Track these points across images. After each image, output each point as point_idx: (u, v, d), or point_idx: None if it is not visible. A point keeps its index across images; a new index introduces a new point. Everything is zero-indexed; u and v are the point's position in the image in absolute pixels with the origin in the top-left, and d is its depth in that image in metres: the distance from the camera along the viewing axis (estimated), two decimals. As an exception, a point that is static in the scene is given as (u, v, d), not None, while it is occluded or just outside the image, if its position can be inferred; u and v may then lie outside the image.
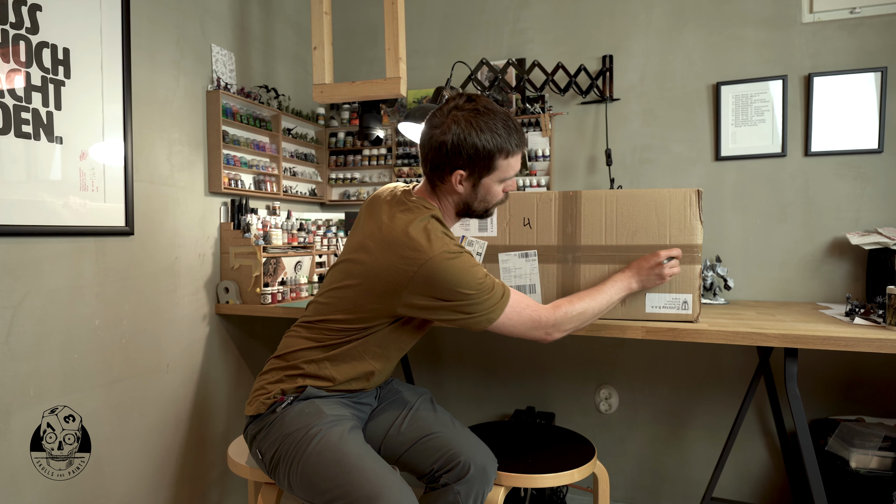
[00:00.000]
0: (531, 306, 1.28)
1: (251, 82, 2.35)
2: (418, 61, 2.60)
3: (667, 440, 2.30)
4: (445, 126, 1.23)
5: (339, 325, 1.29)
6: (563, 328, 1.30)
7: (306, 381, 1.32)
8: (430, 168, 1.28)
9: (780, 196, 2.14)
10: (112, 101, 1.71)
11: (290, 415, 1.27)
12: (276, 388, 1.32)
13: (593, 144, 2.37)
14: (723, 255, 2.18)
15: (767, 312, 1.75)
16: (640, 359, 2.31)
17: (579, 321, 1.33)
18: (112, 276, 1.73)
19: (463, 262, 1.20)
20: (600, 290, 1.39)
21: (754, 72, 2.16)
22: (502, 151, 1.24)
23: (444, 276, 1.18)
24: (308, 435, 1.23)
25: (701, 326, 1.44)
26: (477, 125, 1.22)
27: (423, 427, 1.37)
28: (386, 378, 1.45)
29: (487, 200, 1.31)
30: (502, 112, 1.26)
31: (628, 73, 2.32)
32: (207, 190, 2.10)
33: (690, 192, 1.46)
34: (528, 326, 1.27)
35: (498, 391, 2.52)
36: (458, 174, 1.25)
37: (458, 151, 1.22)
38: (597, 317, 1.38)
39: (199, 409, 2.07)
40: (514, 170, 1.29)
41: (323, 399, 1.31)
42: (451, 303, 1.21)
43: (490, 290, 1.23)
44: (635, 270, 1.43)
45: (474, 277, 1.20)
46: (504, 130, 1.24)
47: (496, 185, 1.29)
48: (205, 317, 2.09)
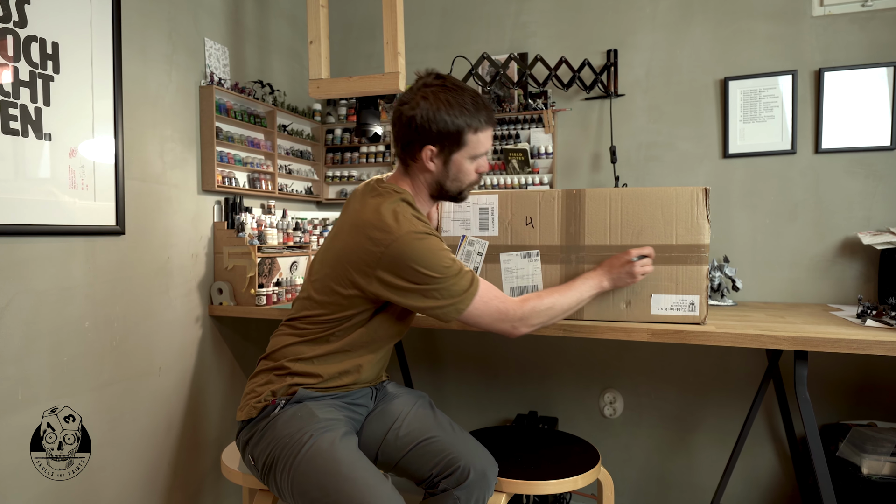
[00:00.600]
0: (499, 297, 1.30)
1: (245, 77, 2.35)
2: (417, 56, 2.60)
3: (673, 446, 2.30)
4: (414, 102, 1.28)
5: (321, 318, 1.32)
6: (529, 322, 1.32)
7: (295, 379, 1.32)
8: (401, 147, 1.32)
9: (789, 194, 2.14)
10: (102, 97, 1.71)
11: (281, 419, 1.27)
12: (266, 391, 1.33)
13: (597, 141, 2.37)
14: (731, 255, 2.18)
15: (777, 314, 1.75)
16: (646, 362, 2.31)
17: (547, 317, 1.35)
18: (102, 276, 1.73)
19: (430, 243, 1.23)
20: (570, 287, 1.41)
21: (763, 66, 2.16)
22: (471, 126, 1.29)
23: (411, 256, 1.21)
24: (300, 441, 1.23)
25: (708, 328, 1.44)
26: (445, 100, 1.27)
27: (420, 431, 1.37)
28: (378, 373, 1.45)
29: (460, 179, 1.34)
30: (471, 90, 1.31)
31: (634, 67, 2.32)
32: (200, 188, 2.10)
33: (697, 191, 1.46)
34: (494, 318, 1.29)
35: (499, 395, 2.52)
36: (428, 150, 1.29)
37: (427, 126, 1.27)
38: (566, 314, 1.40)
39: (192, 413, 2.07)
40: (483, 147, 1.33)
41: (315, 401, 1.31)
42: (418, 286, 1.22)
43: (456, 274, 1.25)
44: (606, 269, 1.46)
45: (440, 260, 1.23)
46: (472, 106, 1.28)
47: (467, 162, 1.33)
48: (198, 318, 2.09)
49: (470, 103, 1.28)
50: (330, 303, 1.30)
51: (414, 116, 1.27)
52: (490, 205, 1.59)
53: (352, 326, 1.32)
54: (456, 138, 1.29)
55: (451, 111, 1.26)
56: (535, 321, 1.33)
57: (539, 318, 1.33)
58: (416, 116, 1.27)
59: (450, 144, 1.29)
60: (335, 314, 1.30)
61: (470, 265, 1.60)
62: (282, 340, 1.37)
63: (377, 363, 1.41)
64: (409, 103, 1.29)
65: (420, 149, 1.30)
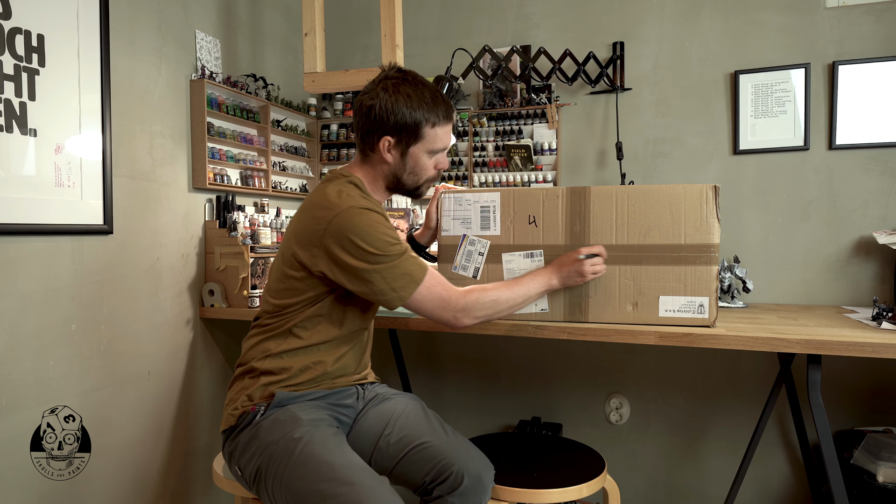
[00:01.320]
0: (443, 284, 1.34)
1: (238, 71, 2.35)
2: (416, 48, 2.60)
3: (681, 453, 2.29)
4: (374, 93, 1.34)
5: (280, 309, 1.35)
6: (472, 314, 1.35)
7: (267, 378, 1.33)
8: (360, 136, 1.38)
9: (802, 192, 2.13)
10: (89, 91, 1.71)
11: (264, 426, 1.28)
12: (241, 397, 1.34)
13: (603, 137, 2.37)
14: (741, 255, 2.18)
15: (789, 316, 1.75)
16: (653, 366, 2.31)
17: (491, 310, 1.37)
18: (89, 277, 1.73)
19: (372, 218, 1.27)
20: (518, 283, 1.44)
21: (775, 59, 2.15)
22: (429, 120, 1.34)
23: (351, 229, 1.24)
24: (287, 446, 1.23)
25: (718, 331, 1.44)
26: (405, 92, 1.33)
27: (412, 436, 1.36)
28: (355, 369, 1.45)
29: (417, 173, 1.40)
30: (432, 85, 1.37)
31: (640, 60, 2.32)
32: (191, 186, 2.10)
33: (707, 188, 1.46)
34: (436, 304, 1.32)
35: (501, 400, 2.52)
36: (385, 141, 1.34)
37: (385, 117, 1.33)
38: (512, 310, 1.42)
39: (183, 419, 2.07)
40: (442, 142, 1.39)
41: (296, 403, 1.32)
42: (360, 264, 1.25)
43: (400, 255, 1.28)
44: (556, 267, 1.48)
45: (382, 236, 1.26)
46: (431, 100, 1.35)
47: (425, 156, 1.38)
48: (188, 321, 2.09)
49: (429, 97, 1.34)
50: (285, 289, 1.34)
51: (373, 106, 1.33)
52: (492, 203, 1.59)
53: (313, 318, 1.34)
54: (413, 131, 1.34)
55: (409, 103, 1.32)
56: (477, 313, 1.35)
57: (482, 310, 1.36)
58: (375, 106, 1.33)
59: (407, 137, 1.35)
60: (291, 300, 1.33)
61: (471, 265, 1.59)
62: (250, 342, 1.41)
63: (349, 358, 1.41)
64: (370, 94, 1.35)
65: (378, 139, 1.35)
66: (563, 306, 1.56)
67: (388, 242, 1.27)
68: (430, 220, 1.66)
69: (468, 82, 2.51)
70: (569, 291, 1.55)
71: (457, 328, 1.36)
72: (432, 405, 2.61)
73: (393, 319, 1.69)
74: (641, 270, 1.51)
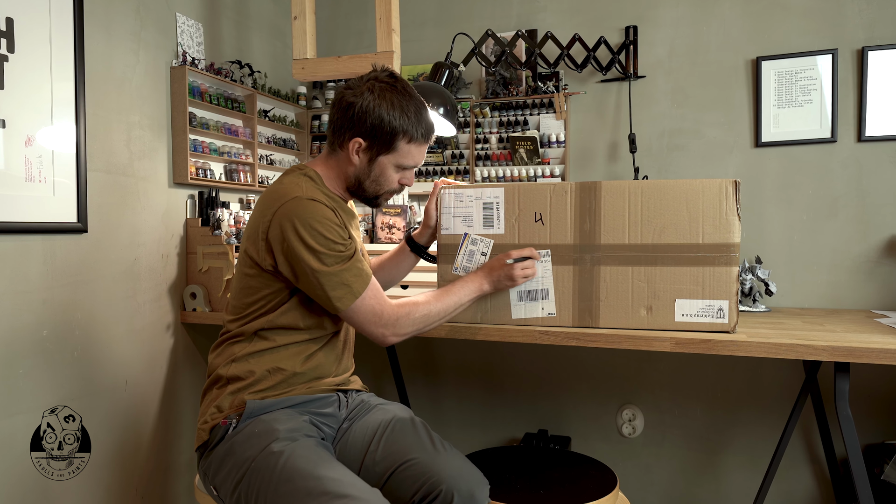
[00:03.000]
0: (378, 297, 1.36)
1: (222, 57, 2.35)
2: (414, 33, 2.60)
3: (699, 468, 2.29)
4: (359, 90, 1.37)
5: (244, 311, 1.38)
6: (400, 331, 1.37)
7: (234, 386, 1.34)
8: (332, 129, 1.41)
9: (829, 187, 2.13)
10: (62, 79, 1.71)
11: (238, 441, 1.28)
12: (211, 408, 1.34)
13: (615, 128, 2.37)
14: (763, 255, 2.18)
15: (815, 321, 1.75)
16: (669, 375, 2.31)
17: (423, 324, 1.41)
18: (62, 279, 1.73)
19: (318, 209, 1.29)
20: (449, 292, 1.46)
21: (800, 45, 2.16)
22: (406, 133, 1.37)
23: (297, 214, 1.28)
24: (268, 461, 1.22)
25: (739, 337, 1.44)
26: (390, 99, 1.36)
27: (398, 453, 1.36)
28: (334, 369, 1.45)
29: (380, 183, 1.43)
30: (420, 100, 1.41)
31: (655, 46, 2.32)
32: (172, 181, 2.10)
33: (726, 184, 1.46)
34: (368, 319, 1.34)
35: (505, 412, 2.52)
36: (356, 142, 1.37)
37: (363, 118, 1.35)
38: (444, 320, 1.45)
39: (163, 432, 2.07)
40: (413, 160, 1.42)
41: (271, 413, 1.31)
42: (303, 255, 1.27)
43: (342, 261, 1.30)
44: (487, 271, 1.52)
45: (325, 231, 1.28)
46: (415, 115, 1.38)
47: (392, 169, 1.42)
48: (169, 326, 2.09)
49: (413, 112, 1.37)
50: (243, 289, 1.38)
51: (353, 104, 1.35)
52: (495, 199, 1.59)
53: (277, 318, 1.36)
54: (388, 140, 1.37)
55: (391, 112, 1.35)
56: (407, 329, 1.38)
57: (413, 326, 1.39)
58: (356, 105, 1.35)
59: (380, 144, 1.37)
60: (250, 299, 1.36)
61: (473, 267, 1.60)
62: (216, 351, 1.43)
63: (321, 359, 1.41)
64: (354, 90, 1.37)
65: (349, 138, 1.38)
66: (572, 310, 1.56)
67: (331, 240, 1.29)
68: (429, 217, 1.66)
69: (470, 69, 2.51)
70: (578, 294, 1.55)
71: (384, 345, 1.39)
72: (431, 417, 2.62)
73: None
74: (656, 272, 1.51)
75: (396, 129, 1.36)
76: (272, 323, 1.36)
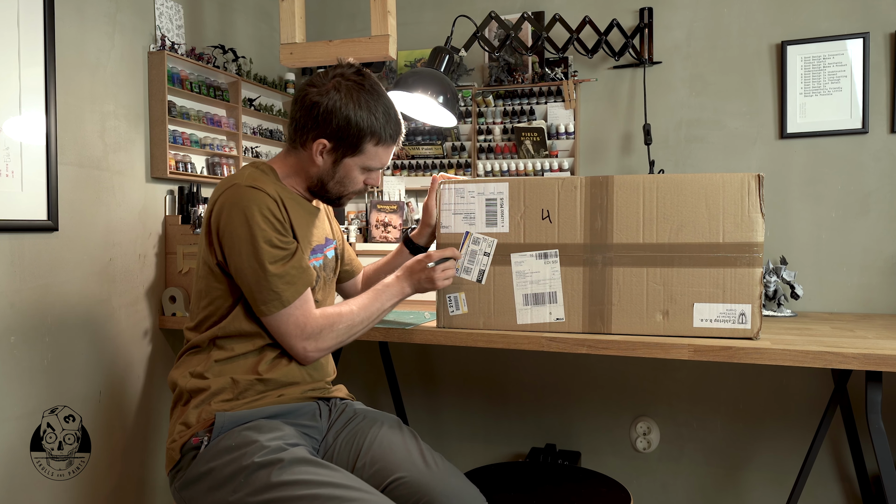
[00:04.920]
0: (304, 308, 1.36)
1: (204, 41, 2.35)
2: (411, 15, 2.60)
3: (720, 486, 2.29)
4: (324, 88, 1.38)
5: (200, 320, 1.40)
6: (322, 344, 1.38)
7: (198, 399, 1.33)
8: (294, 128, 1.43)
9: (860, 182, 2.13)
10: (31, 65, 1.71)
11: (214, 460, 1.26)
12: (177, 426, 1.34)
13: (628, 118, 2.37)
14: (789, 255, 2.18)
15: (845, 327, 1.75)
16: (687, 385, 2.31)
17: (346, 335, 1.42)
18: (31, 281, 1.73)
19: (259, 197, 1.30)
20: (372, 298, 1.47)
21: (828, 28, 2.15)
22: (374, 135, 1.40)
23: (233, 206, 1.30)
24: (256, 481, 1.20)
25: (762, 344, 1.44)
26: (357, 99, 1.38)
27: (386, 469, 1.35)
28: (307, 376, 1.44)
29: (345, 184, 1.46)
30: (387, 99, 1.44)
31: (672, 29, 2.32)
32: (149, 175, 2.10)
33: (749, 178, 1.46)
34: (291, 330, 1.35)
35: (510, 425, 2.52)
36: (321, 143, 1.39)
37: (328, 119, 1.37)
38: (367, 329, 1.47)
39: (139, 447, 2.07)
40: (381, 161, 1.46)
41: (246, 426, 1.30)
42: (232, 247, 1.30)
43: (280, 261, 1.30)
44: (407, 273, 1.53)
45: (261, 222, 1.29)
46: (384, 116, 1.41)
47: (358, 171, 1.45)
48: (146, 332, 2.09)
49: (382, 112, 1.40)
50: (196, 292, 1.42)
51: (318, 103, 1.37)
52: (499, 195, 1.59)
53: (233, 323, 1.36)
54: (354, 142, 1.39)
55: (358, 112, 1.37)
56: (328, 343, 1.39)
57: (336, 338, 1.40)
58: (321, 104, 1.37)
59: (345, 146, 1.40)
60: (203, 302, 1.39)
61: (475, 268, 1.60)
62: (176, 366, 1.44)
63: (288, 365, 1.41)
64: (319, 88, 1.38)
65: (313, 139, 1.39)
66: (582, 315, 1.56)
67: (266, 232, 1.29)
68: (428, 215, 1.65)
69: (471, 55, 2.51)
70: (589, 297, 1.55)
71: (305, 361, 1.40)
72: (430, 430, 2.62)
73: (386, 331, 1.69)
74: (673, 273, 1.51)
75: (364, 131, 1.38)
76: (225, 330, 1.37)
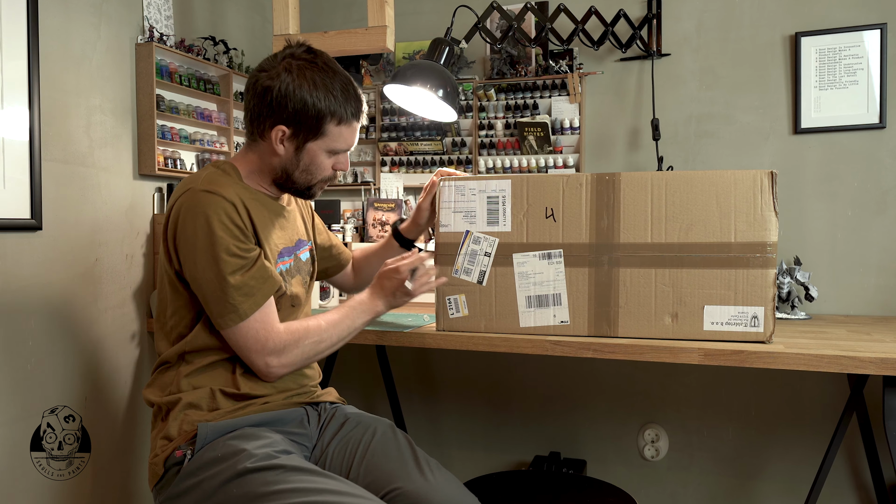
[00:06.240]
0: (265, 323, 1.34)
1: (194, 33, 2.35)
2: (410, 5, 2.60)
3: (731, 495, 2.29)
4: (275, 72, 1.35)
5: (168, 333, 1.40)
6: (286, 360, 1.36)
7: (177, 411, 1.33)
8: (249, 118, 1.41)
9: (877, 179, 2.13)
10: (13, 58, 1.71)
11: (200, 473, 1.25)
12: (159, 441, 1.33)
13: (636, 113, 2.37)
14: (803, 256, 2.18)
15: (861, 330, 1.75)
16: (697, 390, 2.31)
17: (312, 352, 1.39)
18: (13, 283, 1.73)
19: (214, 201, 1.29)
20: (341, 315, 1.45)
21: (844, 19, 2.15)
22: (335, 115, 1.37)
23: (187, 212, 1.30)
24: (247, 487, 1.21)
25: (775, 348, 1.44)
26: (311, 79, 1.35)
27: (381, 480, 1.35)
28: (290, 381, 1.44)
29: (312, 172, 1.43)
30: (344, 75, 1.40)
31: (681, 20, 2.32)
32: (137, 172, 2.10)
33: (762, 175, 1.46)
34: (250, 346, 1.33)
35: (513, 433, 2.52)
36: (279, 130, 1.36)
37: (283, 103, 1.34)
38: (335, 348, 1.44)
39: (125, 456, 2.07)
40: (346, 142, 1.42)
41: (230, 435, 1.30)
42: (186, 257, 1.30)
43: (238, 271, 1.29)
44: (378, 290, 1.50)
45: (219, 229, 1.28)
46: (342, 94, 1.37)
47: (324, 155, 1.41)
48: (134, 336, 2.09)
49: (339, 89, 1.37)
50: (161, 301, 1.43)
51: (270, 88, 1.34)
52: (501, 192, 1.59)
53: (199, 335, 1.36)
54: (314, 125, 1.36)
55: (314, 92, 1.34)
56: (292, 360, 1.37)
57: (301, 356, 1.38)
58: (273, 89, 1.34)
59: (305, 130, 1.37)
60: (168, 313, 1.39)
61: (475, 269, 1.60)
62: (149, 383, 1.44)
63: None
64: (269, 72, 1.36)
65: (270, 127, 1.37)
66: (587, 318, 1.56)
67: (222, 243, 1.28)
68: (419, 215, 1.66)
69: (472, 46, 2.50)
70: (595, 300, 1.55)
71: (267, 378, 1.38)
72: (429, 438, 2.62)
73: (383, 334, 1.69)
74: (682, 274, 1.51)
75: (323, 112, 1.35)
76: (191, 345, 1.36)
